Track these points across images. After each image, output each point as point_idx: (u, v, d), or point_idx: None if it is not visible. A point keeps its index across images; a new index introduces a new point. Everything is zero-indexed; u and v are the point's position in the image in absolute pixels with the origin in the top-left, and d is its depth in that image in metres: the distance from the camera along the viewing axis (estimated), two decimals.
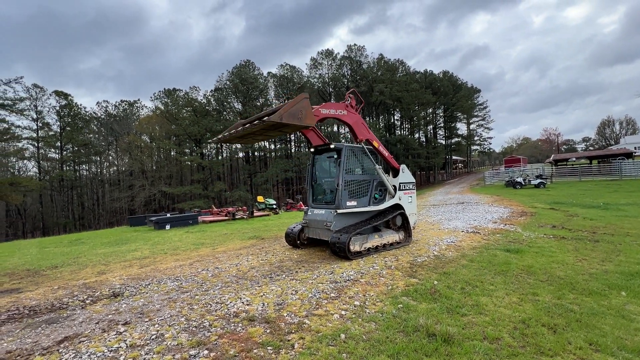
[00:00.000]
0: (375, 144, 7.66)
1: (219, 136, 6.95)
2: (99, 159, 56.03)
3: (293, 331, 3.49)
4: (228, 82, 47.16)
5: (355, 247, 6.60)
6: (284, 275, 5.61)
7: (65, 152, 49.41)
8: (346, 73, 52.15)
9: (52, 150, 49.00)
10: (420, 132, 60.76)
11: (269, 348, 3.15)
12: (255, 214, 17.15)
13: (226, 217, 15.80)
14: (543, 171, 31.99)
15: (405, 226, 7.91)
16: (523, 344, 3.15)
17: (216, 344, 3.27)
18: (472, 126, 67.26)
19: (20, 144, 41.39)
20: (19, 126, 39.64)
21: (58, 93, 47.42)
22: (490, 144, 70.14)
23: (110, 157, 58.52)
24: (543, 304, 4.04)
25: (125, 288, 5.24)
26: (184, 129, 44.99)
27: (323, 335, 3.37)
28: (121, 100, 58.83)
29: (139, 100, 59.82)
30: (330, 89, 51.42)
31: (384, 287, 4.84)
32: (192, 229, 13.08)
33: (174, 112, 46.77)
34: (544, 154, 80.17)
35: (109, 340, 3.38)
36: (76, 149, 50.45)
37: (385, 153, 7.93)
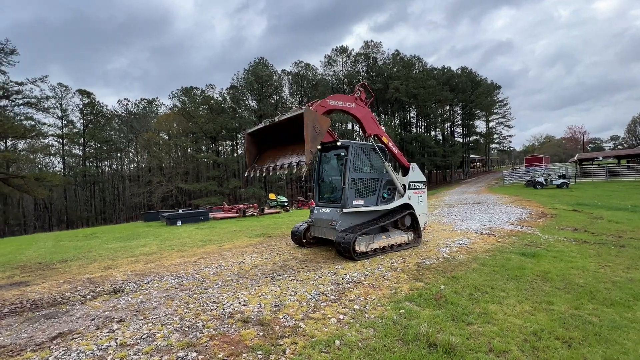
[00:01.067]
0: (385, 139, 7.41)
1: (253, 173, 6.84)
2: (119, 155, 57.83)
3: (287, 335, 3.35)
4: (243, 80, 47.52)
5: (360, 247, 6.41)
6: (285, 275, 5.49)
7: (87, 149, 51.25)
8: (361, 70, 51.56)
9: (76, 147, 50.95)
10: (437, 129, 59.43)
11: (259, 352, 3.02)
12: (266, 211, 17.16)
13: (237, 214, 15.88)
14: (566, 171, 30.66)
15: (414, 227, 7.64)
16: (533, 359, 2.89)
17: (206, 346, 3.17)
18: (491, 124, 65.23)
19: (46, 141, 43.12)
20: (45, 123, 41.37)
21: (81, 92, 49.20)
22: (510, 142, 67.95)
23: (131, 154, 60.30)
24: (558, 315, 3.73)
25: (127, 284, 5.25)
26: (200, 127, 45.70)
27: (317, 341, 3.21)
28: (141, 99, 60.49)
29: (157, 98, 61.38)
30: (345, 87, 50.97)
31: (387, 290, 4.63)
32: (202, 225, 13.19)
33: (190, 109, 47.57)
34: (568, 153, 76.78)
35: (100, 338, 3.34)
36: (98, 145, 52.25)
37: (395, 150, 7.67)
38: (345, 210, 6.60)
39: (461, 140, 62.08)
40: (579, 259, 6.03)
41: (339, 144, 7.00)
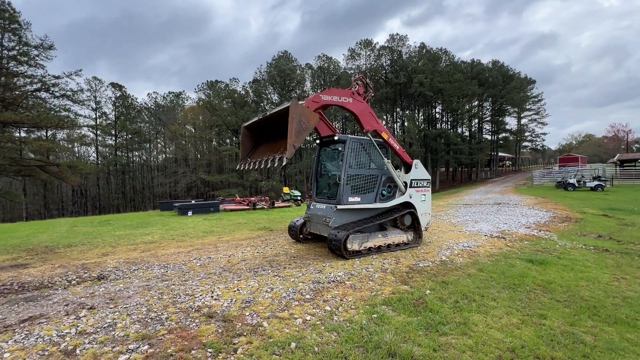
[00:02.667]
0: (385, 135, 7.08)
1: (244, 166, 6.79)
2: (148, 145, 60.39)
3: (244, 334, 3.23)
4: (266, 74, 47.87)
5: (353, 245, 6.17)
6: (269, 270, 5.38)
7: (119, 139, 53.88)
8: (385, 64, 50.26)
9: (109, 137, 53.76)
10: (464, 126, 57.05)
11: (209, 350, 2.92)
12: (276, 205, 17.21)
13: (247, 207, 16.04)
14: (603, 172, 28.42)
15: (415, 226, 7.28)
16: None
17: (161, 339, 3.11)
18: (523, 120, 61.66)
19: (80, 131, 45.73)
20: (80, 115, 43.80)
21: (114, 85, 51.61)
22: (543, 140, 63.88)
23: (159, 145, 62.80)
24: (548, 330, 3.36)
25: (114, 272, 5.36)
26: (223, 120, 46.67)
27: (273, 342, 3.06)
28: (169, 92, 62.67)
29: (184, 91, 63.27)
30: (367, 80, 49.95)
31: (367, 292, 4.39)
32: (211, 216, 13.42)
33: (214, 103, 48.64)
34: (610, 154, 71.17)
35: (63, 325, 3.38)
36: (129, 136, 54.81)
37: (396, 146, 7.32)
38: (339, 206, 6.39)
39: (489, 138, 59.24)
40: (592, 269, 5.48)
41: (336, 138, 6.78)
